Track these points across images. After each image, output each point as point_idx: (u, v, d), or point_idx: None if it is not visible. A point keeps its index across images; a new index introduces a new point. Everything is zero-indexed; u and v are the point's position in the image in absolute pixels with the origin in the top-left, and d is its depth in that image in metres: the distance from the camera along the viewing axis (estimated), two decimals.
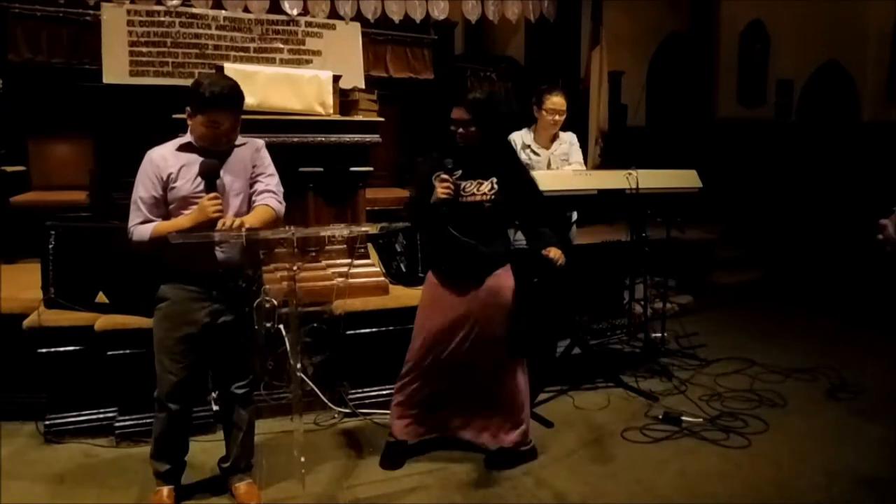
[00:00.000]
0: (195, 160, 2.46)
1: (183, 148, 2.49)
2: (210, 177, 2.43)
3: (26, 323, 3.24)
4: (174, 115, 3.03)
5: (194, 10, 5.23)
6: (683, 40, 8.24)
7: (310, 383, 3.17)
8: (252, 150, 2.60)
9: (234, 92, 2.44)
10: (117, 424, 3.20)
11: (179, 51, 5.18)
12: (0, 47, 4.88)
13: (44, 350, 3.23)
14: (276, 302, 2.47)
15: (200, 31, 5.26)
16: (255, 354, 2.69)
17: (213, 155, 2.47)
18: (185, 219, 2.42)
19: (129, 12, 5.04)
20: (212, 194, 2.40)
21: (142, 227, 2.42)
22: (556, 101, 3.90)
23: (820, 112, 8.24)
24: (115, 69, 4.81)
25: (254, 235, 2.36)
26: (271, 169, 2.63)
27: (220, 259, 2.49)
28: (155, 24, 5.10)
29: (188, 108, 2.45)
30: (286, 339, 2.42)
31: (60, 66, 5.04)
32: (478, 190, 2.86)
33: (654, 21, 8.16)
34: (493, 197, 2.85)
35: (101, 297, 3.33)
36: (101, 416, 3.27)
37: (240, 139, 2.57)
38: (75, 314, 3.26)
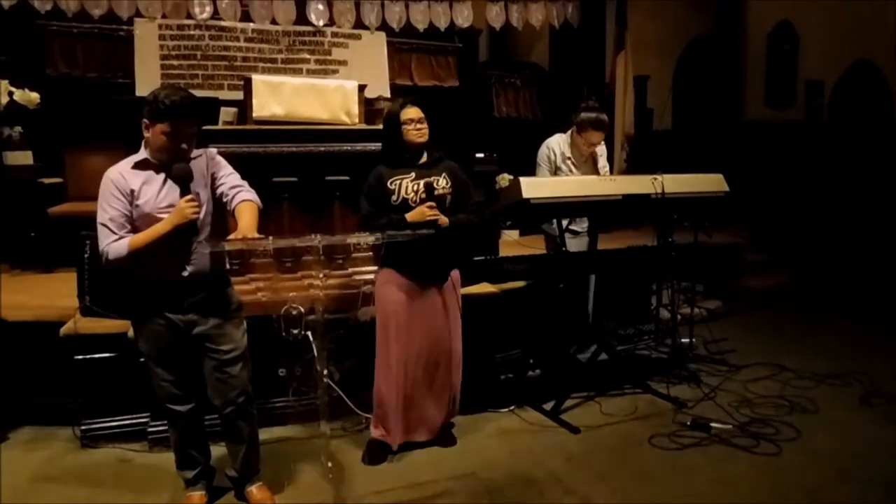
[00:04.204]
0: (154, 177, 2.46)
1: (139, 165, 2.47)
2: (184, 181, 2.43)
3: (63, 330, 3.34)
4: (204, 127, 3.10)
5: (223, 24, 5.35)
6: (709, 43, 8.16)
7: (337, 389, 3.21)
8: (207, 160, 2.58)
9: (189, 101, 2.42)
10: (150, 430, 3.28)
11: (209, 63, 5.30)
12: (38, 63, 5.04)
13: (80, 356, 3.32)
14: (303, 309, 2.51)
15: (229, 43, 5.38)
16: (245, 365, 2.67)
17: (177, 170, 2.45)
18: (162, 224, 2.40)
19: (160, 27, 5.19)
20: (188, 196, 2.40)
21: (117, 244, 2.39)
22: (596, 138, 4.02)
23: (851, 113, 8.07)
24: (148, 82, 4.94)
25: (284, 244, 2.40)
26: (230, 169, 2.63)
27: (190, 272, 2.51)
28: (185, 38, 5.22)
29: (145, 121, 2.42)
30: (313, 346, 2.45)
31: (95, 79, 5.20)
32: (437, 185, 3.05)
33: (680, 24, 8.09)
34: (449, 191, 3.08)
35: None
36: (135, 421, 3.35)
37: (194, 152, 2.55)
38: (110, 321, 3.34)
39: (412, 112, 3.06)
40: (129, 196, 2.43)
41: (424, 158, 3.13)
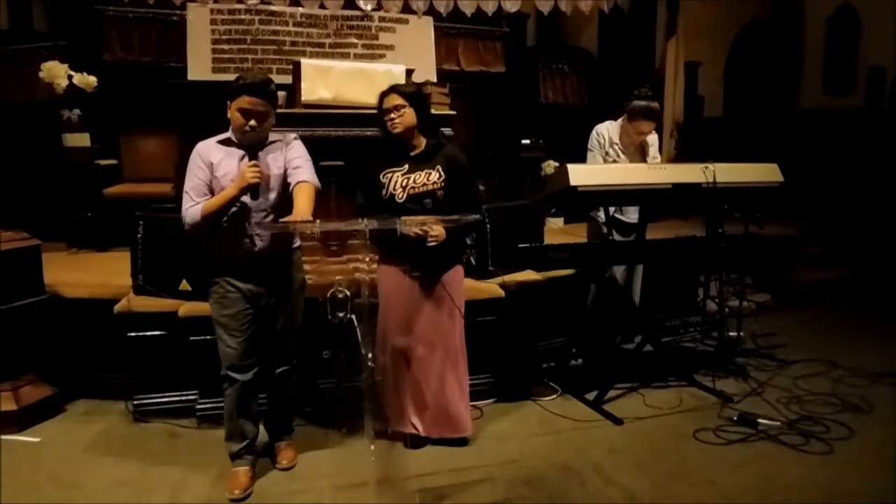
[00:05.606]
0: (233, 153, 2.65)
1: (223, 142, 2.68)
2: (253, 149, 2.61)
3: (117, 308, 3.45)
4: None
5: (273, 8, 5.39)
6: (765, 28, 7.91)
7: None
8: (284, 144, 2.74)
9: (260, 80, 2.60)
10: (199, 407, 3.37)
11: (259, 47, 5.35)
12: (96, 47, 5.18)
13: (133, 334, 3.42)
14: (348, 293, 2.53)
15: (278, 27, 5.42)
16: (295, 339, 2.90)
17: (249, 147, 2.62)
18: (229, 189, 2.57)
19: (212, 11, 5.24)
20: (252, 162, 2.55)
21: (193, 209, 2.60)
22: (646, 127, 3.93)
23: None
24: (199, 66, 5.02)
25: (331, 227, 2.44)
26: (301, 151, 2.76)
27: (258, 248, 2.67)
28: (236, 22, 5.28)
29: (227, 102, 2.62)
30: (358, 330, 2.47)
31: (149, 64, 5.31)
32: (428, 179, 2.95)
33: (734, 9, 7.86)
34: (441, 185, 2.95)
35: (185, 285, 3.50)
36: (184, 398, 3.45)
37: (274, 135, 2.73)
38: (161, 300, 3.44)
39: (388, 101, 2.93)
40: (210, 167, 2.62)
41: (421, 148, 3.00)
